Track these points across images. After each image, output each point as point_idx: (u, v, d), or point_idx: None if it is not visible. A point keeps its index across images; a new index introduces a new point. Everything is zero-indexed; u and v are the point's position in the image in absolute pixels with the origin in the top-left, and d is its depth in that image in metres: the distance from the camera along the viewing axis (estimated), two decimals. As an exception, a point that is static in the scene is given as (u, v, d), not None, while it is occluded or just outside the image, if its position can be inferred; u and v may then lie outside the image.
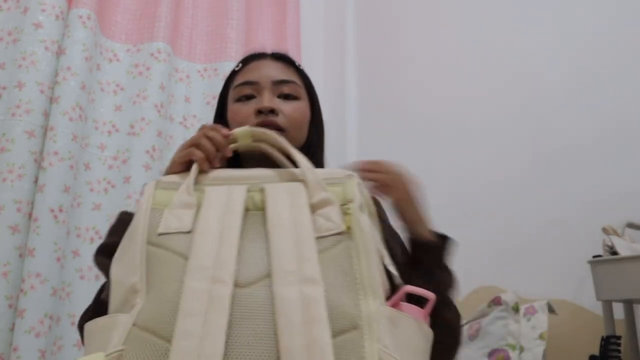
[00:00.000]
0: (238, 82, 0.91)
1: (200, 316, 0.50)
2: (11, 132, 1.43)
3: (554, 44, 1.79)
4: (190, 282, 0.53)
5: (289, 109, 0.88)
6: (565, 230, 1.61)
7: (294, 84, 0.90)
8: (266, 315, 0.50)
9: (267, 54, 0.95)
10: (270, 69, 0.90)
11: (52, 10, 1.54)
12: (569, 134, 1.69)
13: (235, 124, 0.87)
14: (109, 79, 1.70)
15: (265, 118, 0.85)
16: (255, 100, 0.88)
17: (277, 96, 0.89)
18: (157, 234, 0.59)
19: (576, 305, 1.52)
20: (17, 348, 1.30)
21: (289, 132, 0.86)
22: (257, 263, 0.55)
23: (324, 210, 0.60)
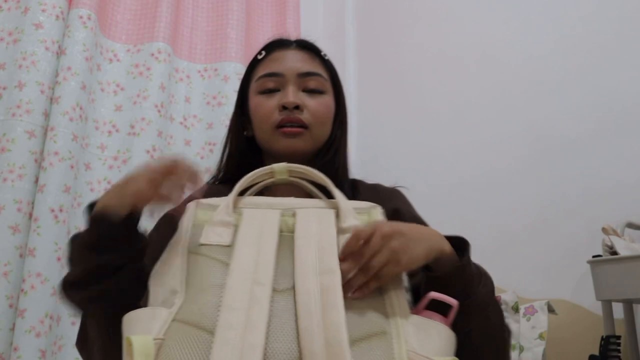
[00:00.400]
0: (261, 73, 0.87)
1: (243, 310, 0.53)
2: (11, 132, 1.43)
3: (551, 34, 1.79)
4: (232, 282, 0.57)
5: (314, 104, 0.85)
6: (565, 230, 1.61)
7: (319, 77, 0.87)
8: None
9: (291, 42, 0.90)
10: (295, 60, 0.87)
11: (53, 11, 1.55)
12: (569, 133, 1.69)
13: (257, 118, 0.85)
14: (109, 79, 1.70)
15: (290, 114, 0.82)
16: (279, 94, 0.85)
17: (302, 90, 0.85)
18: (199, 244, 0.63)
19: (576, 305, 1.53)
20: (17, 348, 1.30)
21: (313, 129, 0.84)
22: (287, 277, 0.59)
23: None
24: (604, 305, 1.32)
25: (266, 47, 0.91)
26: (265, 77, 0.86)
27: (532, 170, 1.73)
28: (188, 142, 1.80)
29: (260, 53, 0.91)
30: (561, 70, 1.75)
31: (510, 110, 1.84)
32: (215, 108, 1.83)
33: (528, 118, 1.79)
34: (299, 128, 0.83)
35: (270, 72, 0.86)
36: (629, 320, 1.39)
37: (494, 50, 1.94)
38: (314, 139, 0.85)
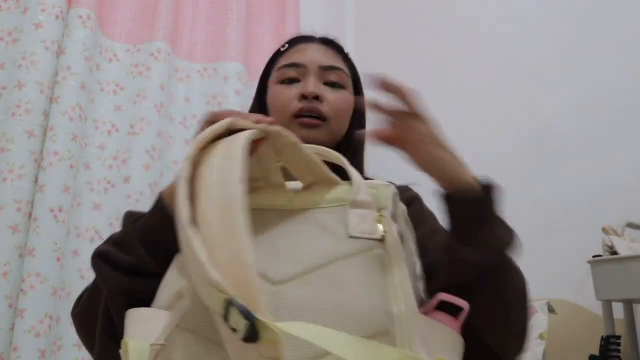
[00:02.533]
0: (283, 63, 0.86)
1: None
2: (11, 132, 1.43)
3: (553, 33, 1.79)
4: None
5: (334, 97, 0.83)
6: (565, 230, 1.61)
7: (341, 72, 0.86)
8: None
9: (315, 38, 0.90)
10: (318, 54, 0.86)
11: (52, 10, 1.54)
12: (569, 133, 1.69)
13: (275, 107, 0.84)
14: (109, 79, 1.70)
15: (309, 104, 0.81)
16: (299, 85, 0.83)
17: (322, 83, 0.84)
18: None
19: (576, 305, 1.53)
20: (17, 348, 1.30)
21: (331, 123, 0.83)
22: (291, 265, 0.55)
23: (362, 212, 0.58)
24: (604, 305, 1.32)
25: (290, 41, 0.91)
26: (286, 67, 0.85)
27: (532, 171, 1.73)
28: (188, 142, 1.80)
29: (283, 46, 0.90)
30: (561, 70, 1.75)
31: (510, 111, 1.84)
32: (215, 108, 1.83)
33: (528, 118, 1.79)
34: (318, 120, 0.82)
35: (292, 63, 0.85)
36: (629, 320, 1.39)
37: (494, 51, 1.94)
38: (332, 132, 0.84)
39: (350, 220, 0.56)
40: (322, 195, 0.60)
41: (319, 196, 0.60)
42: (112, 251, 0.62)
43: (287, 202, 0.60)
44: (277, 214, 0.59)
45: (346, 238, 0.55)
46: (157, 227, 0.59)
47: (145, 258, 0.59)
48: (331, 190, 0.61)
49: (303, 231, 0.56)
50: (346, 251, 0.54)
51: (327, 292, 0.51)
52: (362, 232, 0.56)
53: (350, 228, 0.56)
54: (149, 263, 0.59)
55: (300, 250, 0.54)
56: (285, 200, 0.60)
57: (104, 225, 1.57)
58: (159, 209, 0.60)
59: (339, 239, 0.55)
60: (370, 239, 0.55)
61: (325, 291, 0.51)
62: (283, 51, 0.89)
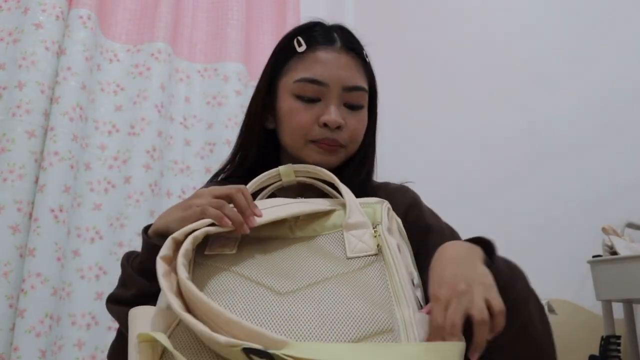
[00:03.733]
0: (301, 75, 0.79)
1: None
2: (11, 132, 1.43)
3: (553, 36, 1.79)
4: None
5: (353, 124, 0.81)
6: (565, 230, 1.61)
7: (362, 92, 0.82)
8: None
9: (336, 41, 0.82)
10: (341, 69, 0.80)
11: (53, 11, 1.54)
12: (568, 133, 1.69)
13: (291, 125, 0.80)
14: (109, 79, 1.70)
15: (330, 135, 0.78)
16: (319, 106, 0.79)
17: (343, 103, 0.80)
18: (203, 255, 0.64)
19: (576, 305, 1.53)
20: (17, 348, 1.30)
21: (348, 148, 0.82)
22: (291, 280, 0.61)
23: (357, 232, 0.64)
24: (604, 305, 1.33)
25: (305, 35, 0.83)
26: (306, 82, 0.79)
27: (533, 171, 1.73)
28: (188, 142, 1.80)
29: (298, 42, 0.82)
30: (561, 70, 1.75)
31: (510, 112, 1.84)
32: (215, 108, 1.83)
33: (527, 119, 1.79)
34: (335, 146, 0.80)
35: (313, 79, 0.79)
36: (629, 320, 1.39)
37: (493, 52, 1.94)
38: (347, 154, 0.83)
39: (347, 243, 0.63)
40: (320, 223, 0.66)
41: (317, 225, 0.66)
42: (116, 292, 0.72)
43: (288, 232, 0.66)
44: (280, 243, 0.65)
45: (345, 259, 0.61)
46: (148, 258, 0.66)
47: (143, 285, 0.67)
48: (328, 218, 0.67)
49: (305, 256, 0.62)
50: (345, 269, 0.60)
51: (330, 300, 0.55)
52: (360, 251, 0.62)
53: (347, 250, 0.62)
54: (148, 287, 0.66)
55: (303, 269, 0.60)
56: (286, 230, 0.66)
57: (104, 225, 1.57)
58: (146, 244, 0.69)
59: (338, 261, 0.61)
60: (367, 256, 0.61)
61: (328, 299, 0.55)
62: (300, 52, 0.81)
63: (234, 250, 0.64)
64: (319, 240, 0.65)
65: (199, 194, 0.66)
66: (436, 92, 2.08)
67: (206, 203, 0.63)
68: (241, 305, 0.55)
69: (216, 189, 0.65)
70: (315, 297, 0.56)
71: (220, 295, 0.57)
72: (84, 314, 1.47)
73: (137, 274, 0.69)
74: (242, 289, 0.57)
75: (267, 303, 0.55)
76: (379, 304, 0.56)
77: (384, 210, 0.67)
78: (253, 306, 0.55)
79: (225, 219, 0.61)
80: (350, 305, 0.55)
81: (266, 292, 0.57)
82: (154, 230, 0.69)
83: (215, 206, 0.62)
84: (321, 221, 0.67)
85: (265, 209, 0.65)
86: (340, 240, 0.64)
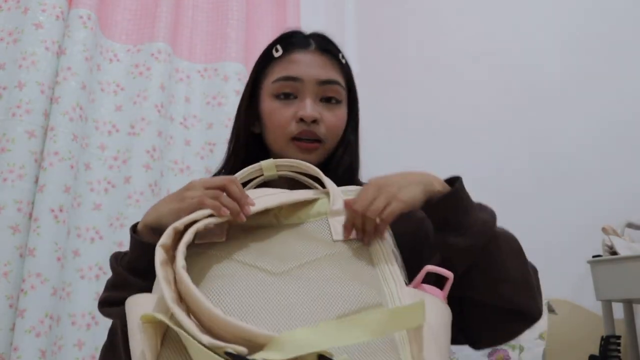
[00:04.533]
0: (278, 75, 0.83)
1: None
2: (11, 132, 1.43)
3: (553, 45, 1.79)
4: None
5: (330, 118, 0.84)
6: (565, 230, 1.61)
7: (337, 86, 0.85)
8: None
9: (311, 44, 0.86)
10: (315, 67, 0.83)
11: (53, 11, 1.54)
12: (569, 133, 1.69)
13: (272, 124, 0.84)
14: (109, 79, 1.70)
15: (306, 128, 0.81)
16: (296, 103, 0.83)
17: (319, 98, 0.84)
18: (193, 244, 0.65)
19: (576, 305, 1.53)
20: (17, 348, 1.30)
21: (327, 143, 0.84)
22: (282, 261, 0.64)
23: (342, 218, 0.67)
24: (604, 305, 1.33)
25: (282, 43, 0.87)
26: (282, 80, 0.83)
27: (534, 173, 1.74)
28: (188, 142, 1.80)
29: (276, 49, 0.86)
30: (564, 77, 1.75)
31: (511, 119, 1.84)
32: (215, 108, 1.83)
33: (531, 123, 1.79)
34: (315, 143, 0.83)
35: (288, 76, 0.83)
36: (629, 320, 1.39)
37: (497, 57, 1.94)
38: (327, 150, 0.86)
39: (332, 228, 0.65)
40: (305, 211, 0.69)
41: (302, 213, 0.69)
42: (110, 295, 0.73)
43: (274, 220, 0.68)
44: (267, 230, 0.67)
45: (330, 242, 0.64)
46: (139, 256, 0.69)
47: (140, 285, 0.67)
48: (313, 206, 0.69)
49: (293, 240, 0.65)
50: (332, 251, 0.62)
51: (321, 279, 0.58)
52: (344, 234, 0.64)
53: (333, 234, 0.65)
54: (139, 285, 0.67)
55: (292, 252, 0.62)
56: (272, 218, 0.68)
57: (104, 225, 1.57)
58: (136, 242, 0.70)
59: (325, 243, 0.64)
60: (353, 238, 0.64)
61: (319, 278, 0.58)
62: (277, 57, 0.85)
63: (224, 238, 0.65)
64: (304, 227, 0.67)
65: (191, 187, 0.67)
66: (437, 91, 2.08)
67: (202, 194, 0.64)
68: (239, 287, 0.57)
69: (208, 181, 0.67)
70: (307, 276, 0.58)
71: (217, 280, 0.58)
72: (84, 314, 1.47)
73: (130, 275, 0.70)
74: (237, 273, 0.59)
75: (263, 283, 0.57)
76: (367, 282, 0.58)
77: None
78: (249, 287, 0.57)
79: (224, 209, 0.62)
80: (340, 283, 0.57)
81: (261, 273, 0.59)
82: (145, 224, 0.70)
83: (211, 197, 0.63)
84: (306, 209, 0.69)
85: (256, 198, 0.67)
86: (326, 226, 0.66)
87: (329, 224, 0.66)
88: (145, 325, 0.51)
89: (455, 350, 1.49)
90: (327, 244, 0.64)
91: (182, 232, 0.60)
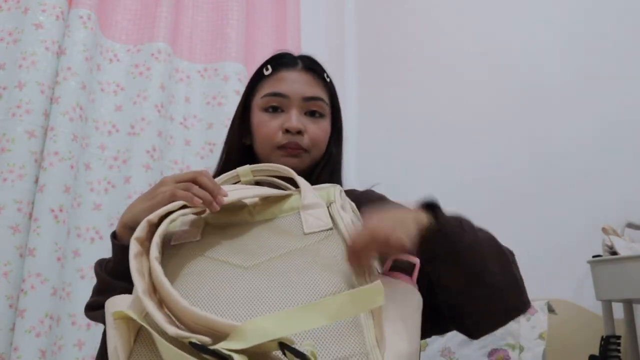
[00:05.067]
0: (267, 91, 0.92)
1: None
2: (11, 132, 1.43)
3: (554, 45, 1.79)
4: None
5: (314, 129, 0.91)
6: (565, 230, 1.61)
7: (321, 102, 0.93)
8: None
9: (297, 62, 0.95)
10: (301, 84, 0.92)
11: (53, 11, 1.54)
12: (569, 134, 1.69)
13: (260, 135, 0.92)
14: (109, 79, 1.70)
15: (292, 138, 0.89)
16: (282, 116, 0.91)
17: (304, 112, 0.92)
18: (170, 246, 0.68)
19: (576, 305, 1.53)
20: (17, 348, 1.30)
21: (311, 152, 0.92)
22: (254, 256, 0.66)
23: (314, 211, 0.69)
24: (604, 305, 1.33)
25: (272, 63, 0.96)
26: (270, 96, 0.92)
27: (534, 173, 1.74)
28: (188, 142, 1.80)
29: (266, 68, 0.95)
30: (564, 79, 1.75)
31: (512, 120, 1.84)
32: (215, 108, 1.83)
33: (531, 122, 1.79)
34: (299, 150, 0.90)
35: (275, 92, 0.91)
36: (629, 320, 1.39)
37: (497, 57, 1.94)
38: (312, 159, 0.93)
39: (304, 221, 0.68)
40: (278, 207, 0.71)
41: (275, 208, 0.71)
42: (93, 300, 0.78)
43: (248, 217, 0.71)
44: (241, 227, 0.69)
45: (302, 235, 0.66)
46: (120, 260, 0.72)
47: (118, 285, 0.71)
48: (285, 202, 0.72)
49: (265, 235, 0.67)
50: (303, 244, 0.64)
51: (290, 271, 0.60)
52: (316, 227, 0.66)
53: (305, 227, 0.67)
54: (124, 288, 0.68)
55: (264, 246, 0.65)
56: (246, 215, 0.71)
57: (104, 225, 1.57)
58: (115, 246, 0.73)
59: (296, 237, 0.66)
60: (323, 230, 0.66)
61: (289, 270, 0.60)
62: (266, 75, 0.94)
63: (198, 237, 0.68)
64: (277, 222, 0.69)
65: (163, 182, 0.70)
66: (437, 91, 2.08)
67: (173, 187, 0.67)
68: (209, 282, 0.59)
69: (179, 175, 0.69)
70: (276, 268, 0.61)
71: (189, 277, 0.61)
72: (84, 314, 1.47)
73: (113, 279, 0.73)
74: (209, 269, 0.62)
75: (232, 277, 0.60)
76: (336, 271, 0.59)
77: (337, 192, 0.72)
78: (220, 282, 0.59)
79: (196, 199, 0.65)
80: (308, 274, 0.59)
81: (231, 268, 0.61)
82: (122, 224, 0.73)
83: (183, 189, 0.66)
84: (279, 205, 0.72)
85: (230, 191, 0.70)
86: (298, 220, 0.69)
87: (301, 218, 0.69)
88: (118, 321, 0.53)
89: (455, 350, 1.49)
90: (299, 237, 0.66)
91: (156, 225, 0.63)
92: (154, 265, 0.55)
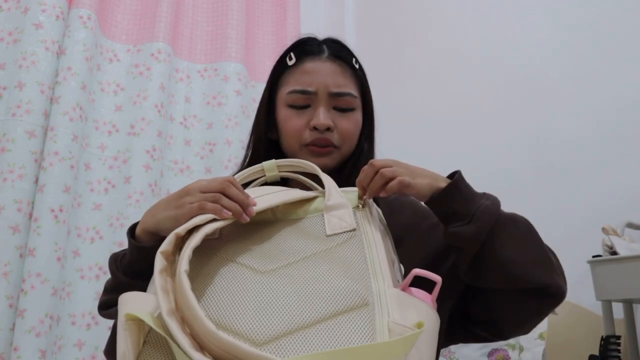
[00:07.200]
0: (292, 87, 0.86)
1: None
2: (12, 132, 1.43)
3: (555, 42, 1.79)
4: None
5: (344, 124, 0.86)
6: (565, 230, 1.61)
7: (349, 97, 0.87)
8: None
9: (324, 51, 0.88)
10: (328, 76, 0.86)
11: (53, 11, 1.55)
12: (569, 133, 1.69)
13: (286, 132, 0.86)
14: (109, 79, 1.70)
15: (320, 135, 0.83)
16: (309, 111, 0.85)
17: (332, 107, 0.86)
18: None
19: (576, 305, 1.53)
20: (17, 348, 1.30)
21: (342, 149, 0.86)
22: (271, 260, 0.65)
23: (337, 212, 0.67)
24: (604, 305, 1.33)
25: (296, 51, 0.89)
26: (296, 93, 0.85)
27: (534, 173, 1.73)
28: (188, 142, 1.80)
29: (290, 57, 0.89)
30: (564, 74, 1.75)
31: (511, 117, 1.84)
32: (215, 108, 1.83)
33: (532, 122, 1.79)
34: (328, 147, 0.85)
35: (302, 90, 0.85)
36: (629, 320, 1.39)
37: (498, 54, 1.94)
38: (342, 155, 0.87)
39: (327, 222, 0.66)
40: (303, 208, 0.70)
41: (300, 210, 0.70)
42: (107, 298, 0.76)
43: (271, 216, 0.69)
44: (262, 227, 0.67)
45: (324, 237, 0.64)
46: (138, 260, 0.70)
47: (134, 284, 0.67)
48: (311, 204, 0.70)
49: (286, 237, 0.65)
50: (324, 247, 0.62)
51: (308, 277, 0.58)
52: (339, 228, 0.65)
53: (327, 229, 0.65)
54: (139, 286, 0.66)
55: (283, 249, 0.63)
56: (269, 214, 0.69)
57: (104, 225, 1.57)
58: (135, 247, 0.70)
59: (318, 239, 0.64)
60: (345, 232, 0.64)
61: (306, 276, 0.58)
62: (290, 65, 0.88)
63: (217, 235, 0.65)
64: (300, 223, 0.68)
65: (188, 192, 0.65)
66: (438, 91, 2.08)
67: (201, 199, 0.63)
68: (222, 284, 0.57)
69: (205, 184, 0.65)
70: (294, 274, 0.58)
71: (202, 278, 0.59)
72: (84, 314, 1.47)
73: (129, 278, 0.71)
74: (224, 270, 0.59)
75: (247, 281, 0.57)
76: (356, 277, 0.58)
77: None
78: (234, 285, 0.57)
79: (225, 211, 0.62)
80: (327, 280, 0.57)
81: (247, 271, 0.59)
82: (143, 229, 0.69)
83: (211, 200, 0.62)
84: (304, 207, 0.70)
85: (257, 197, 0.67)
86: (321, 221, 0.67)
87: (324, 219, 0.67)
88: (129, 322, 0.52)
89: (455, 350, 1.49)
90: (320, 240, 0.64)
91: (183, 238, 0.60)
92: (183, 282, 0.52)
